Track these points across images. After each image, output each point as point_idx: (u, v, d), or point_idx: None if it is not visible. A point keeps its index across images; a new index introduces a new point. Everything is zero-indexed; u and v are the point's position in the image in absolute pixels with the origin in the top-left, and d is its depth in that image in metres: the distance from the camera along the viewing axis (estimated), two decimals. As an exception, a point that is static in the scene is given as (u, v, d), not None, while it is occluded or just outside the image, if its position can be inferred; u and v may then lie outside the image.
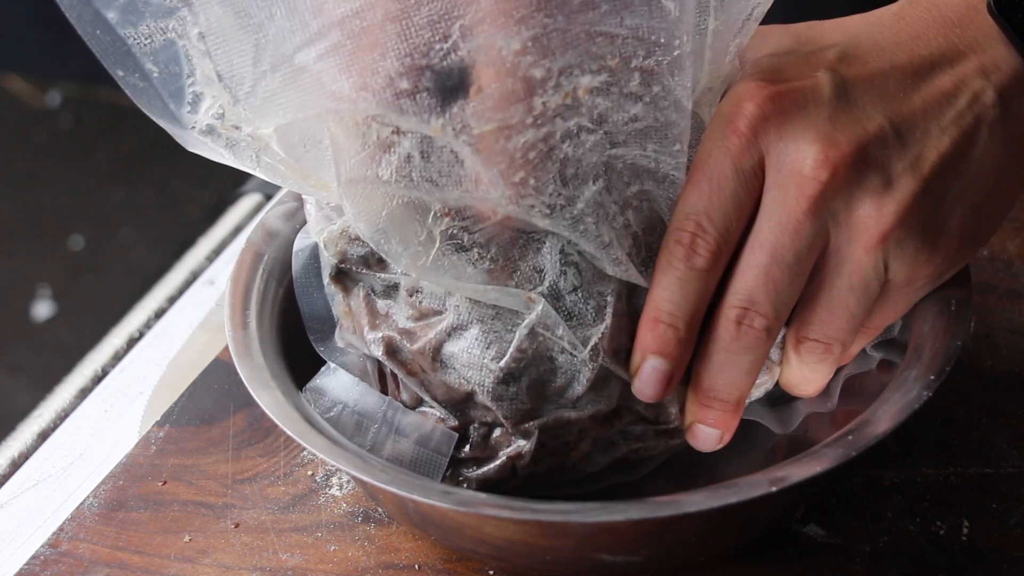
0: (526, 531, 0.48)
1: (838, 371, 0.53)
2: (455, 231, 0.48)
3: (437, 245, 0.48)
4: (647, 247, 0.49)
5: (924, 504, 0.55)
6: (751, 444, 0.56)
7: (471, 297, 0.50)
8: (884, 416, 0.48)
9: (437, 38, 0.44)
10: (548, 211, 0.47)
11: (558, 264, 0.49)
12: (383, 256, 0.50)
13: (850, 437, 0.47)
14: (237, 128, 0.49)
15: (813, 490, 0.54)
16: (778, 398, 0.54)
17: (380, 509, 0.56)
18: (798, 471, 0.46)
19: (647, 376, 0.48)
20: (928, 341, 0.51)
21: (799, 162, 0.47)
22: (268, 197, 0.81)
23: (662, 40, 0.46)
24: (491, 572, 0.53)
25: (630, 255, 0.49)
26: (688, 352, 0.48)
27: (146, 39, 0.47)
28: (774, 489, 0.45)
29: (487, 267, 0.49)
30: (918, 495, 0.55)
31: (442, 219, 0.48)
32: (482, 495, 0.47)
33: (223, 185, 0.63)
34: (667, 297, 0.48)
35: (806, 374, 0.51)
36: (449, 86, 0.45)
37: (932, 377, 0.49)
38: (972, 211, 0.50)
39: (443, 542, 0.53)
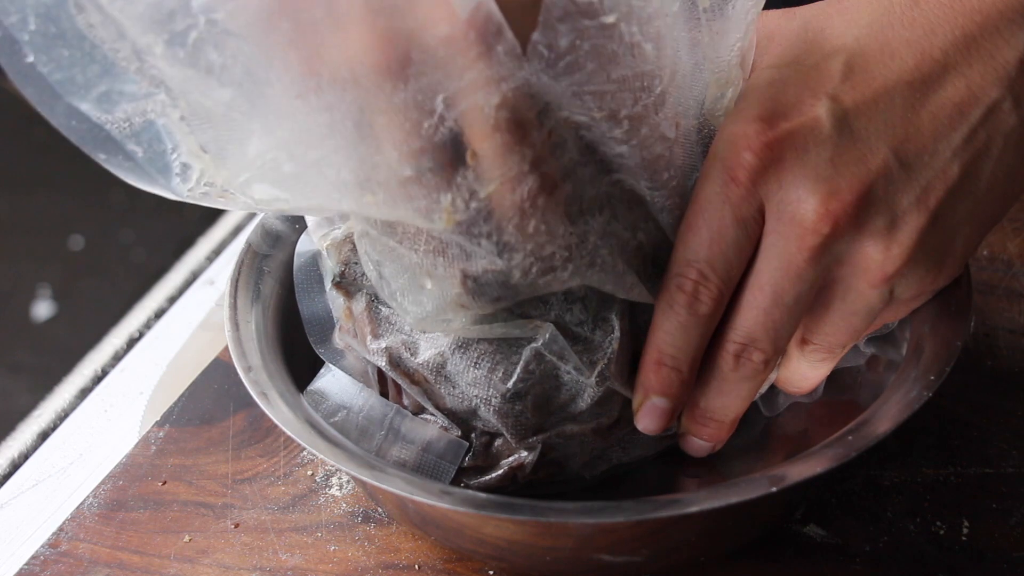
0: (526, 531, 0.48)
1: None
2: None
3: (450, 316, 0.48)
4: (654, 262, 0.49)
5: (924, 504, 0.55)
6: (745, 430, 0.56)
7: (479, 337, 0.49)
8: (884, 416, 0.48)
9: (424, 116, 0.43)
10: (567, 253, 0.46)
11: (563, 302, 0.49)
12: (393, 306, 0.50)
13: (850, 437, 0.47)
14: (232, 193, 0.47)
15: (813, 490, 0.54)
16: None
17: (380, 509, 0.56)
18: (798, 471, 0.46)
19: (649, 413, 0.49)
20: (928, 341, 0.51)
21: (800, 214, 0.46)
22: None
23: (645, 84, 0.45)
24: (491, 572, 0.53)
25: (639, 274, 0.49)
26: (689, 389, 0.49)
27: (124, 123, 0.45)
28: (774, 489, 0.45)
29: (492, 317, 0.49)
30: (918, 495, 0.55)
31: (457, 307, 0.48)
32: (482, 495, 0.47)
33: (223, 185, 0.63)
34: (670, 341, 0.48)
35: (805, 371, 0.51)
36: (447, 160, 0.44)
37: (932, 377, 0.49)
38: (979, 228, 0.49)
39: (443, 542, 0.53)
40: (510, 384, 0.49)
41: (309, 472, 0.58)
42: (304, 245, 0.56)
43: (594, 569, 0.51)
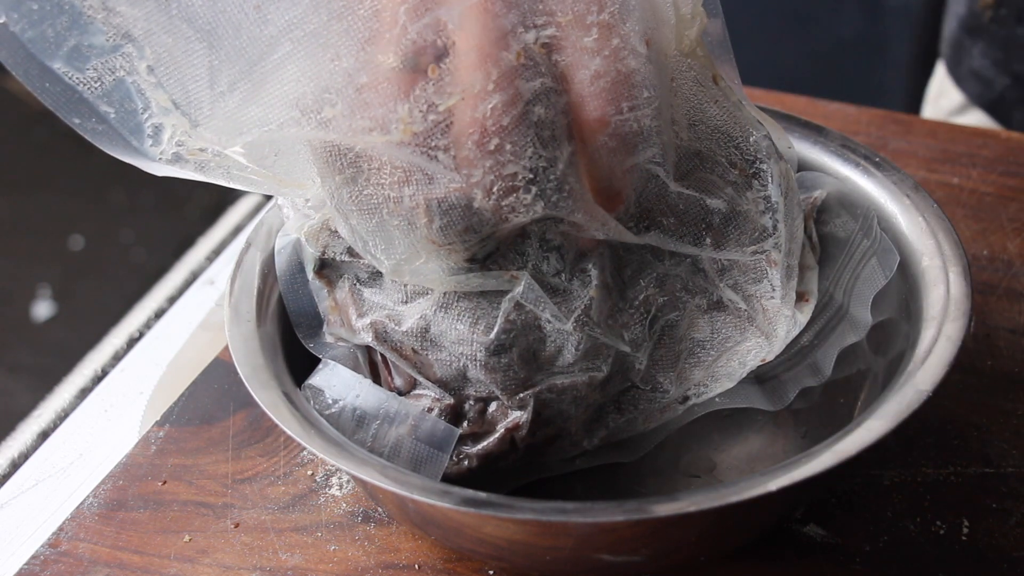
0: (526, 531, 0.48)
1: (831, 341, 0.54)
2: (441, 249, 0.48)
3: (423, 259, 0.49)
4: (639, 203, 0.50)
5: (924, 504, 0.55)
6: (746, 430, 0.56)
7: (456, 289, 0.50)
8: (884, 416, 0.48)
9: (384, 27, 0.45)
10: (531, 175, 0.47)
11: (539, 251, 0.50)
12: (369, 259, 0.50)
13: (850, 437, 0.47)
14: (203, 151, 0.49)
15: (813, 490, 0.54)
16: (765, 374, 0.54)
17: (380, 509, 0.56)
18: (798, 471, 0.46)
19: None
20: (928, 341, 0.51)
21: None
22: (268, 197, 0.81)
23: None
24: (491, 572, 0.53)
25: (628, 227, 0.49)
26: None
27: (96, 82, 0.47)
28: (773, 489, 0.45)
29: (468, 267, 0.49)
30: (918, 495, 0.55)
31: (427, 243, 0.48)
32: (482, 495, 0.47)
33: (223, 185, 0.63)
34: None
35: None
36: (407, 71, 0.45)
37: (932, 377, 0.49)
38: None
39: (443, 542, 0.53)
40: (492, 335, 0.50)
41: (309, 472, 0.58)
42: (282, 242, 0.56)
43: (594, 569, 0.51)
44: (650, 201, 0.50)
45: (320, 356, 0.54)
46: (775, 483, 0.45)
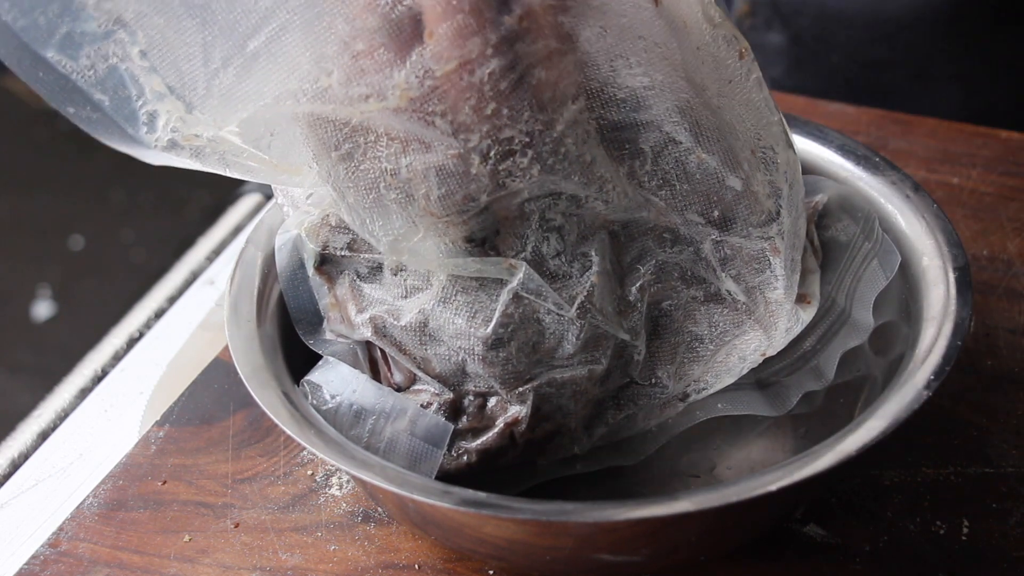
0: (526, 531, 0.48)
1: (834, 345, 0.54)
2: (438, 222, 0.48)
3: (421, 234, 0.49)
4: (655, 161, 0.50)
5: (924, 504, 0.55)
6: (747, 431, 0.56)
7: (453, 273, 0.50)
8: (884, 416, 0.48)
9: None
10: (528, 139, 0.47)
11: (539, 231, 0.50)
12: (366, 237, 0.50)
13: (850, 437, 0.47)
14: (198, 136, 0.49)
15: (813, 490, 0.54)
16: (767, 379, 0.54)
17: (380, 509, 0.56)
18: (798, 471, 0.46)
19: None
20: (928, 341, 0.51)
21: None
22: (268, 197, 0.81)
23: None
24: (491, 572, 0.53)
25: (641, 182, 0.49)
26: None
27: (89, 70, 0.47)
28: (774, 489, 0.45)
29: (467, 249, 0.49)
30: (918, 495, 0.55)
31: (426, 216, 0.48)
32: (482, 495, 0.47)
33: (223, 185, 0.62)
34: None
35: None
36: (404, 37, 0.45)
37: (932, 377, 0.49)
38: None
39: (443, 542, 0.53)
40: (490, 329, 0.50)
41: (309, 472, 0.58)
42: (282, 239, 0.56)
43: (594, 569, 0.51)
44: (667, 163, 0.50)
45: (320, 353, 0.54)
46: (775, 483, 0.45)
